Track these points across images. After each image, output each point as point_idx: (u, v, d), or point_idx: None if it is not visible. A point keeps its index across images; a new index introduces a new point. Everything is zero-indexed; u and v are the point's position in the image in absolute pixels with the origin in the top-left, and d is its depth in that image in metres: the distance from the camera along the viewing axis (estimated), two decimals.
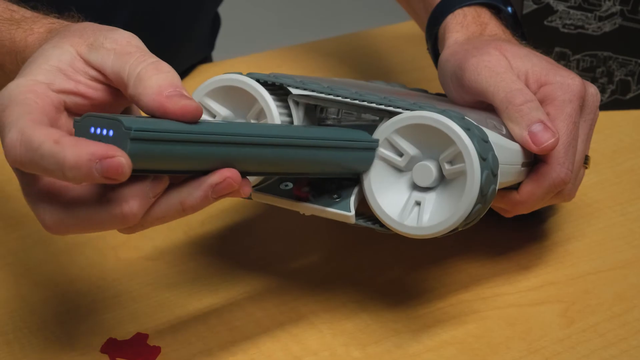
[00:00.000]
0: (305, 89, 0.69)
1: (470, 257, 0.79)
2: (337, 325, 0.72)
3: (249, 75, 0.70)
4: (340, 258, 0.79)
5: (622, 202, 0.86)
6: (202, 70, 1.07)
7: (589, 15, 0.95)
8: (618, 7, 0.95)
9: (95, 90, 0.62)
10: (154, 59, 0.61)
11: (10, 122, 0.57)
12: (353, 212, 0.67)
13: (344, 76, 1.04)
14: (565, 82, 0.74)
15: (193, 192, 0.59)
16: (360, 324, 0.72)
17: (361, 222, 0.68)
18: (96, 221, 0.58)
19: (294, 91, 0.69)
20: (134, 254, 0.78)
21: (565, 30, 0.96)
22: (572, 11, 0.95)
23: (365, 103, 0.68)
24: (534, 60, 0.76)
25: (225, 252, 0.79)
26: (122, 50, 0.61)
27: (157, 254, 0.79)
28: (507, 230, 0.80)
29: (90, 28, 0.63)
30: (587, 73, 0.97)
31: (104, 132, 0.56)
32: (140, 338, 0.70)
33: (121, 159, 0.54)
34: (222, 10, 1.19)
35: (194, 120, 0.58)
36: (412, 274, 0.78)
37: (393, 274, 0.77)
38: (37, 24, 0.69)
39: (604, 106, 0.98)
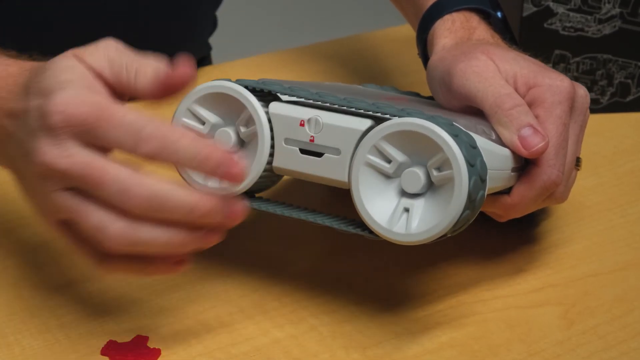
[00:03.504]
0: (293, 96, 0.69)
1: (469, 259, 0.79)
2: (336, 328, 0.72)
3: (238, 82, 0.70)
4: (340, 260, 0.79)
5: (622, 204, 0.86)
6: (202, 73, 1.07)
7: (589, 17, 0.95)
8: (618, 9, 0.95)
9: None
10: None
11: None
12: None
13: (344, 79, 1.04)
14: (554, 84, 0.74)
15: None
16: (360, 327, 0.72)
17: (350, 229, 0.67)
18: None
19: (283, 98, 0.70)
20: None
21: (565, 33, 0.96)
22: (572, 14, 0.95)
23: (353, 110, 0.67)
24: (522, 63, 0.75)
25: (225, 254, 0.79)
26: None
27: None
28: (506, 233, 0.80)
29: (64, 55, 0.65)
30: (586, 75, 0.97)
31: None
32: (141, 340, 0.70)
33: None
34: (222, 11, 1.19)
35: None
36: (412, 276, 0.78)
37: (392, 276, 0.77)
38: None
39: (604, 108, 0.99)
